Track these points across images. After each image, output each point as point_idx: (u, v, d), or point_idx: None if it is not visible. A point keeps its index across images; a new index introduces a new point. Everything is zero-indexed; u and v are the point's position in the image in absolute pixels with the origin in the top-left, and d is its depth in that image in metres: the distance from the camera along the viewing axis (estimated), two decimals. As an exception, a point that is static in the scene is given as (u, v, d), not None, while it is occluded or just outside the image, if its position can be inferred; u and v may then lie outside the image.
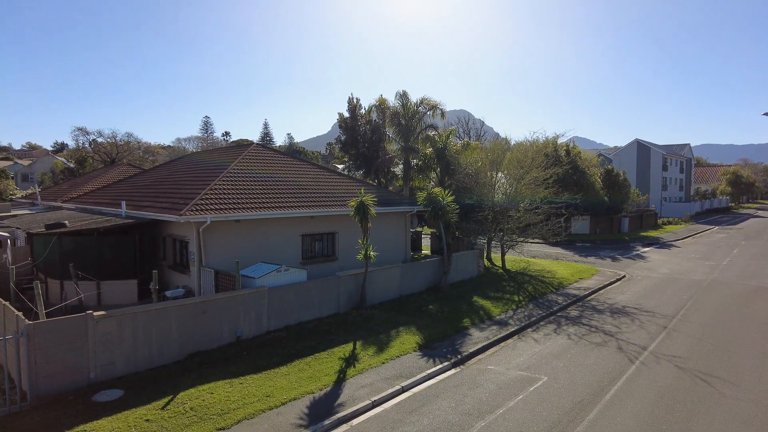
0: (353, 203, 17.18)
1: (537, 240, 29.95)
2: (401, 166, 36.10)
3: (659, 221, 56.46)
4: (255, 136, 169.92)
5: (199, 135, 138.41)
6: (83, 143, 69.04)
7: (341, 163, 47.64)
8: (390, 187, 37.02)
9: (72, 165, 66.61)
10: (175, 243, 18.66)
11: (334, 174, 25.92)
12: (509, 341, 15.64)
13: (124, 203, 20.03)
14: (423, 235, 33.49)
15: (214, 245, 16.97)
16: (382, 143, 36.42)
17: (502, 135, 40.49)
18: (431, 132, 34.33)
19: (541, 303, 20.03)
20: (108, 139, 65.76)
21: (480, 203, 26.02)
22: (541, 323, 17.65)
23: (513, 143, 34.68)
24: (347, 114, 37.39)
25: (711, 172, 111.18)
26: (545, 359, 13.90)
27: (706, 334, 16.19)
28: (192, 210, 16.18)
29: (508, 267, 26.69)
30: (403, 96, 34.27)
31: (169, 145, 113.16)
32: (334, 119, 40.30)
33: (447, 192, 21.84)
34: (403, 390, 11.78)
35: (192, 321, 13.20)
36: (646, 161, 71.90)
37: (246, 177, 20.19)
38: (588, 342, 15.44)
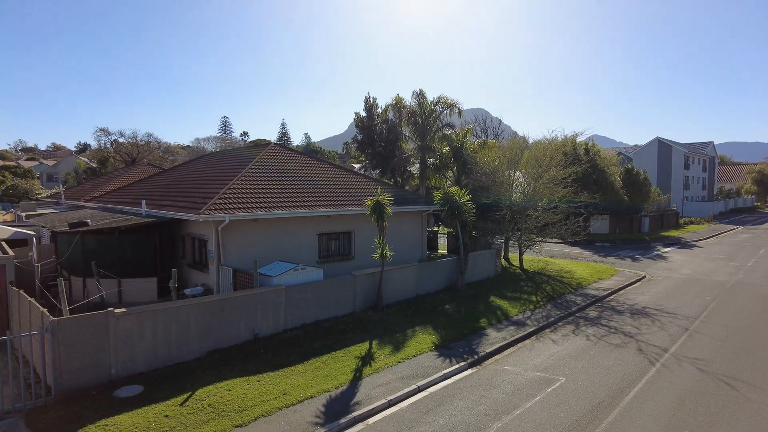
0: (369, 202, 17.19)
1: (555, 240, 29.63)
2: (417, 165, 36.01)
3: (681, 221, 55.37)
4: (273, 135, 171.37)
5: (218, 135, 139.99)
6: (105, 143, 70.40)
7: (358, 163, 47.76)
8: (406, 187, 36.97)
9: (94, 165, 68.00)
10: (194, 241, 18.91)
11: (350, 173, 25.98)
12: (527, 342, 15.50)
13: (144, 202, 20.36)
14: (439, 235, 33.36)
15: (232, 244, 17.15)
16: (398, 142, 36.37)
17: (519, 133, 40.21)
18: (448, 131, 34.17)
19: (560, 303, 19.81)
20: (129, 140, 66.93)
21: (497, 202, 25.82)
22: (560, 324, 17.45)
23: (531, 142, 34.34)
24: (364, 113, 37.44)
25: (736, 170, 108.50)
26: (563, 360, 13.74)
27: (730, 336, 15.83)
28: (211, 209, 16.38)
29: (526, 267, 26.45)
30: (420, 95, 34.18)
31: (189, 145, 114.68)
32: (350, 119, 40.35)
33: (464, 191, 21.72)
34: (420, 390, 11.76)
35: (210, 319, 13.36)
36: (667, 160, 70.56)
37: (264, 176, 20.36)
38: (607, 343, 15.22)
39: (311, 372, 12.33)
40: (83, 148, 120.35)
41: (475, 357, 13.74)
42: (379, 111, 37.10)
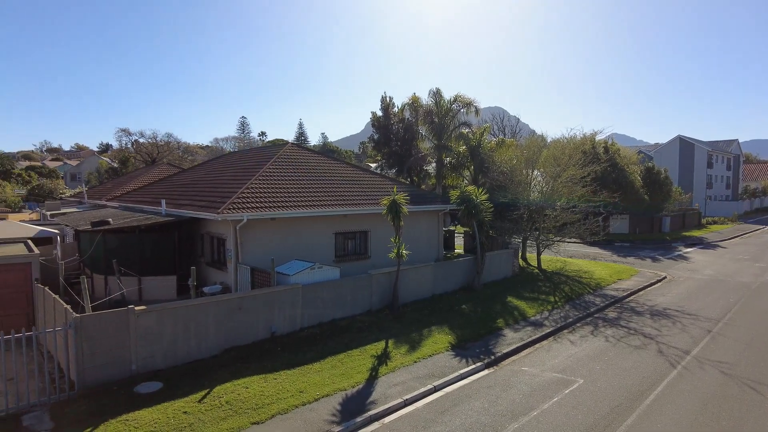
0: (386, 202, 17.20)
1: (574, 239, 29.28)
2: (434, 164, 35.90)
3: (703, 221, 54.25)
4: (290, 135, 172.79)
5: (236, 135, 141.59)
6: (126, 144, 71.76)
7: (374, 162, 47.76)
8: (423, 186, 36.89)
9: (116, 165, 69.31)
10: (213, 240, 19.15)
11: (366, 173, 26.03)
12: (544, 342, 15.35)
13: (164, 202, 20.67)
14: (456, 234, 33.23)
15: (250, 243, 17.32)
16: (414, 141, 36.30)
17: (538, 132, 39.84)
18: (465, 129, 34.00)
19: (578, 304, 19.57)
20: (149, 140, 68.06)
21: (515, 202, 25.60)
22: (578, 325, 17.24)
23: (549, 140, 33.97)
24: (380, 113, 37.46)
25: (762, 168, 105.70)
26: (581, 361, 13.57)
27: (755, 338, 15.45)
28: (229, 208, 16.57)
29: (543, 267, 26.20)
30: (437, 93, 34.07)
31: (208, 145, 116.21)
32: (367, 118, 40.39)
33: (481, 190, 21.59)
34: (435, 389, 11.73)
35: (228, 316, 13.51)
36: (689, 158, 69.17)
37: (281, 176, 20.52)
38: (626, 344, 14.99)
39: (327, 370, 12.39)
40: (105, 148, 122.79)
41: (492, 357, 13.66)
42: (396, 110, 37.09)
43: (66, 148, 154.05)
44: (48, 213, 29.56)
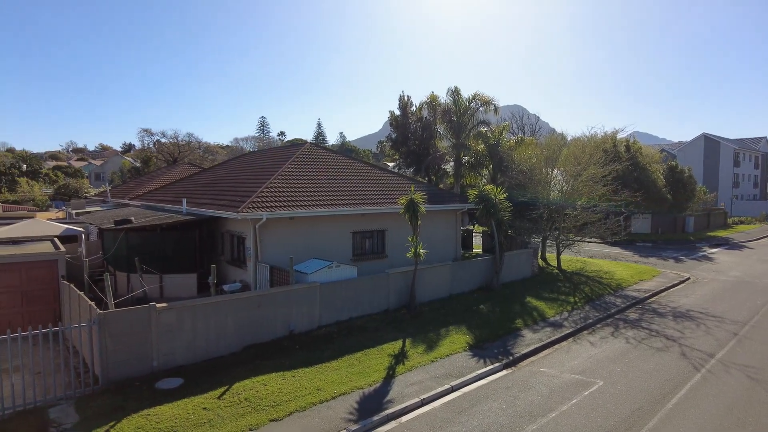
0: (403, 201, 17.18)
1: (594, 239, 28.86)
2: (452, 163, 35.69)
3: (729, 220, 52.98)
4: (309, 135, 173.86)
5: (256, 135, 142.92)
6: (148, 144, 73.09)
7: (392, 161, 47.74)
8: (440, 185, 36.73)
9: (138, 164, 70.69)
10: (233, 239, 19.38)
11: (384, 172, 26.05)
12: (563, 343, 15.17)
13: (185, 201, 20.99)
14: (474, 234, 33.03)
15: (269, 241, 17.49)
16: (432, 140, 36.16)
17: (557, 130, 39.38)
18: (483, 128, 33.72)
19: (598, 305, 19.29)
20: (170, 140, 69.20)
21: (534, 201, 25.33)
22: (598, 326, 17.00)
23: (569, 139, 33.57)
24: (398, 112, 37.42)
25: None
26: (601, 363, 13.38)
27: (782, 342, 15.04)
28: (249, 207, 16.75)
29: (563, 267, 25.88)
30: (455, 92, 33.86)
31: (228, 145, 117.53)
32: (385, 117, 40.40)
33: (499, 189, 21.42)
34: (453, 389, 11.69)
35: (247, 314, 13.67)
36: (714, 156, 67.65)
37: (299, 175, 20.67)
38: (648, 346, 14.72)
39: (345, 369, 12.44)
40: (128, 148, 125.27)
41: (510, 358, 13.55)
42: (414, 109, 37.00)
43: (91, 148, 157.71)
44: (73, 212, 30.28)
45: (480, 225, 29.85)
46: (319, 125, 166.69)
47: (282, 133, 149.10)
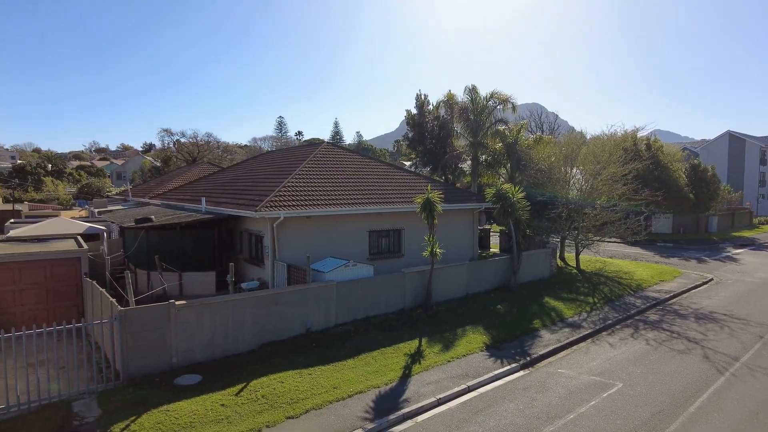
0: (419, 200, 17.15)
1: (614, 239, 28.43)
2: (469, 162, 35.50)
3: (755, 220, 51.73)
4: (326, 134, 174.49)
5: (274, 135, 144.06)
6: (168, 143, 74.17)
7: (408, 160, 47.70)
8: (457, 184, 36.57)
9: (158, 164, 71.83)
10: (251, 237, 19.57)
11: (401, 171, 26.02)
12: (582, 344, 14.98)
13: (204, 200, 21.26)
14: (491, 233, 32.81)
15: (286, 240, 17.62)
16: (449, 139, 36.01)
17: (577, 129, 38.85)
18: (501, 126, 33.45)
19: (618, 305, 19.00)
20: (190, 140, 70.14)
21: (553, 200, 25.06)
22: (617, 327, 16.75)
23: (589, 137, 33.11)
24: (415, 110, 37.34)
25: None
26: (621, 365, 13.17)
27: (809, 345, 14.62)
28: (267, 206, 16.89)
29: (582, 267, 25.55)
30: (472, 90, 33.66)
31: (246, 145, 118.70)
32: (402, 116, 40.36)
33: (517, 188, 21.22)
34: (469, 389, 11.63)
35: (265, 312, 13.78)
36: (739, 155, 66.07)
37: (316, 175, 20.77)
38: (669, 348, 14.45)
39: (361, 367, 12.47)
40: (148, 148, 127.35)
41: (528, 359, 13.43)
42: (431, 108, 36.88)
43: (112, 147, 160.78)
44: (96, 210, 30.92)
45: (497, 224, 29.65)
46: (336, 125, 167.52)
47: (299, 133, 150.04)
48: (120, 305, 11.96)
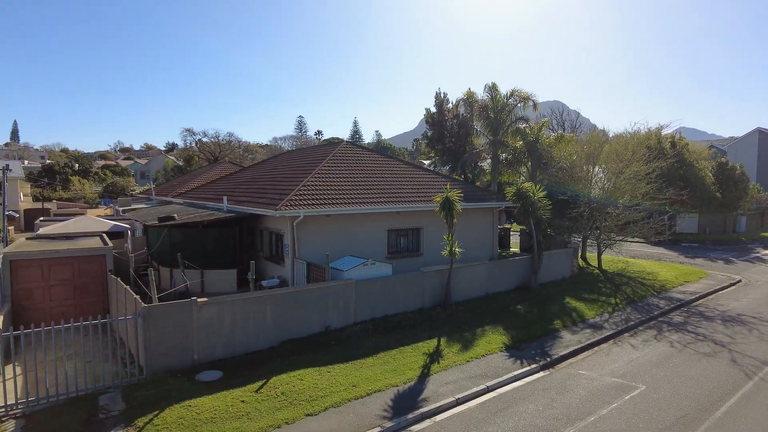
0: (438, 199, 17.09)
1: (637, 239, 27.91)
2: (489, 160, 35.20)
3: (786, 220, 50.03)
4: (345, 133, 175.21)
5: (294, 134, 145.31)
6: (190, 143, 75.29)
7: (427, 159, 47.57)
8: (477, 183, 36.32)
9: (181, 163, 73.02)
10: (271, 236, 19.78)
11: (419, 170, 25.97)
12: (603, 346, 14.76)
13: (225, 198, 21.55)
14: (512, 232, 32.52)
15: (305, 238, 17.75)
16: (469, 137, 35.79)
17: (599, 126, 38.18)
18: (522, 124, 33.07)
19: (640, 306, 18.66)
20: (211, 139, 71.09)
21: (574, 199, 24.72)
22: (640, 328, 16.45)
23: (611, 135, 32.52)
24: (434, 109, 37.23)
25: None
26: (643, 367, 12.94)
27: (843, 350, 14.14)
28: (287, 205, 17.05)
29: (604, 267, 25.15)
30: (492, 88, 33.35)
31: (267, 144, 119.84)
32: (421, 115, 40.35)
33: (538, 187, 21.00)
34: (489, 390, 11.57)
35: (285, 310, 13.92)
36: (770, 152, 64.01)
37: (336, 174, 20.87)
38: (694, 351, 14.14)
39: (380, 366, 12.50)
40: (171, 147, 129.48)
41: (548, 359, 13.29)
42: (450, 106, 36.72)
43: (136, 147, 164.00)
44: (120, 209, 31.62)
45: (518, 223, 29.36)
46: (355, 124, 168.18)
47: (319, 132, 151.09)
48: (143, 302, 12.21)
